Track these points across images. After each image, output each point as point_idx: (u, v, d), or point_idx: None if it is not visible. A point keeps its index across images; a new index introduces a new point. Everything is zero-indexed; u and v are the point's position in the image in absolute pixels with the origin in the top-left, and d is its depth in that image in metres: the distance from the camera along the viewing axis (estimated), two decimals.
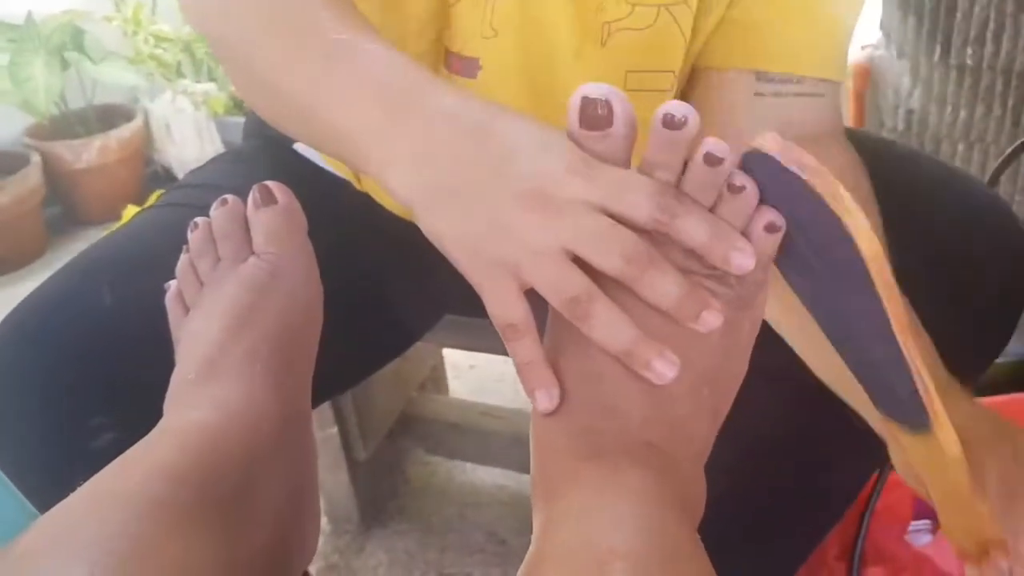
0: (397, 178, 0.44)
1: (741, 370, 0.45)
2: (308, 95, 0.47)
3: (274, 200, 0.56)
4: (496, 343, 1.03)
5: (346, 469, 1.13)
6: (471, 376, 1.50)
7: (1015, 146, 0.91)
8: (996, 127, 1.38)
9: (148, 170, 2.36)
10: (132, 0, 2.18)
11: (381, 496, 1.23)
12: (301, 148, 0.78)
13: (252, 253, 0.55)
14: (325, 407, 1.08)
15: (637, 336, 0.40)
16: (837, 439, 0.64)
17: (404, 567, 1.13)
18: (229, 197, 0.58)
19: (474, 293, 0.41)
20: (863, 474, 0.70)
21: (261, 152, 0.79)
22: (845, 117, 1.60)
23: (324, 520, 1.18)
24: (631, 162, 0.42)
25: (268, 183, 0.57)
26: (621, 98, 0.40)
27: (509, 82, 0.65)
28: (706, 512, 0.42)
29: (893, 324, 0.40)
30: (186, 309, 0.55)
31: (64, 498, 0.40)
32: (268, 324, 0.51)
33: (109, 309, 0.58)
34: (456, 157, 0.42)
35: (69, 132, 2.16)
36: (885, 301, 0.40)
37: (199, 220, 0.57)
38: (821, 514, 0.71)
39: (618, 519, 0.36)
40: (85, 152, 2.13)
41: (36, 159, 2.05)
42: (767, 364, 0.46)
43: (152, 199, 1.08)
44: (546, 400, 0.41)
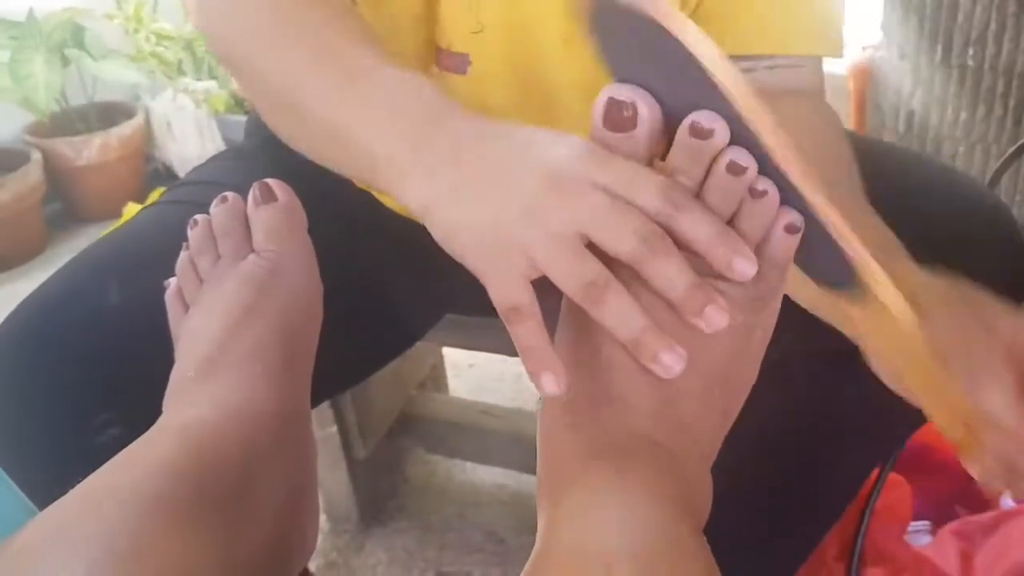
0: (414, 185, 0.44)
1: (752, 375, 0.45)
2: (323, 112, 0.48)
3: (274, 198, 0.57)
4: (496, 342, 1.04)
5: (345, 468, 1.13)
6: (471, 375, 1.50)
7: (1016, 147, 0.91)
8: (997, 128, 1.39)
9: (149, 168, 2.36)
10: None
11: (380, 495, 1.23)
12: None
13: (252, 251, 0.55)
14: (324, 406, 1.08)
15: (648, 326, 0.39)
16: (836, 436, 0.64)
17: (403, 566, 1.13)
18: (229, 194, 0.58)
19: (475, 292, 0.41)
20: (862, 471, 0.70)
21: (262, 150, 0.79)
22: (846, 118, 1.61)
23: (323, 518, 1.18)
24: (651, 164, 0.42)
25: (268, 180, 0.57)
26: (648, 101, 0.40)
27: (499, 76, 0.66)
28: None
29: (773, 154, 0.39)
30: (186, 306, 0.55)
31: (64, 494, 0.40)
32: (268, 322, 0.51)
33: (112, 307, 0.58)
34: (478, 158, 0.42)
35: (70, 129, 2.16)
36: (768, 143, 0.39)
37: (199, 217, 0.57)
38: (820, 513, 0.71)
39: (625, 520, 0.36)
40: (86, 149, 2.13)
41: (37, 156, 2.05)
42: (764, 362, 0.46)
43: (153, 197, 1.08)
44: (552, 383, 0.39)
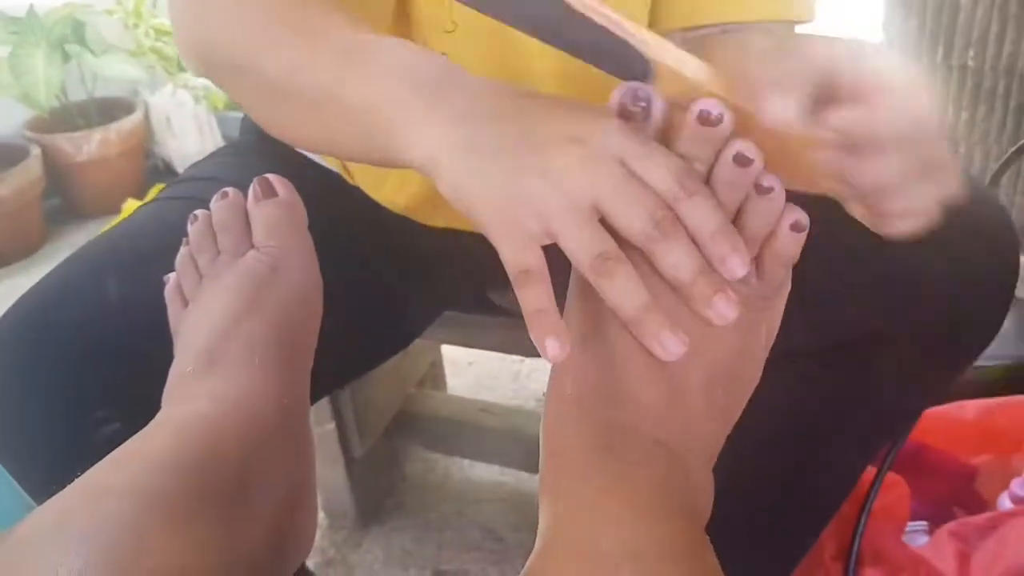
0: (425, 138, 0.43)
1: (755, 374, 0.45)
2: (330, 87, 0.47)
3: (275, 193, 0.56)
4: (495, 340, 1.03)
5: (343, 465, 1.13)
6: (469, 373, 1.50)
7: (1016, 147, 0.92)
8: (997, 129, 1.38)
9: (148, 163, 2.36)
10: None
11: (378, 492, 1.23)
12: None
13: (252, 247, 0.55)
14: (323, 403, 1.08)
15: (651, 304, 0.39)
16: (831, 433, 0.64)
17: (401, 563, 1.13)
18: (229, 190, 0.58)
19: (474, 290, 0.41)
20: (858, 468, 0.70)
21: (261, 146, 0.79)
22: None
23: (321, 515, 1.18)
24: None
25: (269, 176, 0.57)
26: (660, 96, 0.41)
27: (476, 73, 0.65)
28: None
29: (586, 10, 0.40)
30: (185, 302, 0.55)
31: (63, 490, 0.40)
32: (267, 317, 0.51)
33: (111, 302, 0.57)
34: (495, 115, 0.42)
35: (69, 125, 2.16)
36: None
37: (199, 213, 0.57)
38: (816, 510, 0.71)
39: (630, 518, 0.36)
40: (85, 145, 2.13)
41: (36, 151, 2.05)
42: None
43: (152, 193, 1.08)
44: (556, 348, 0.39)
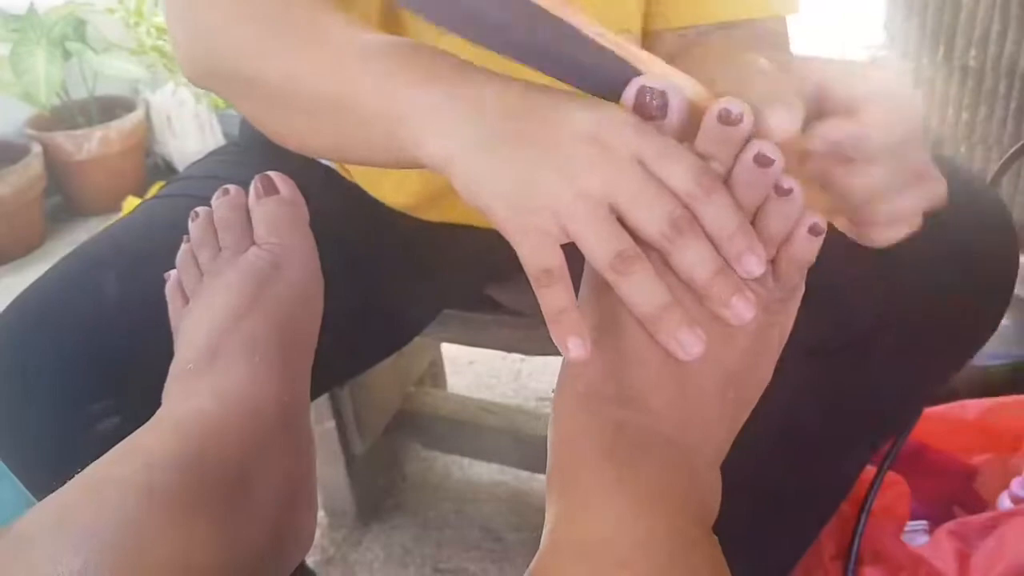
0: (437, 135, 0.42)
1: (766, 376, 0.44)
2: (337, 89, 0.46)
3: (276, 191, 0.57)
4: (495, 339, 1.03)
5: (343, 463, 1.13)
6: (469, 372, 1.50)
7: (1017, 147, 0.92)
8: (998, 129, 1.39)
9: (149, 162, 2.36)
10: None
11: (378, 490, 1.23)
12: None
13: (253, 244, 0.55)
14: (323, 401, 1.08)
15: (670, 303, 0.39)
16: (831, 430, 0.64)
17: (400, 562, 1.13)
18: (231, 187, 0.58)
19: (474, 288, 0.40)
20: (858, 465, 0.70)
21: (261, 145, 0.79)
22: None
23: (321, 513, 1.18)
24: None
25: (271, 173, 0.57)
26: (678, 93, 0.40)
27: None
28: None
29: (569, 19, 0.39)
30: (186, 299, 0.55)
31: (63, 485, 0.40)
32: (268, 314, 0.51)
33: (111, 298, 0.57)
34: (510, 111, 0.42)
35: (70, 123, 2.15)
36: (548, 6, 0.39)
37: (200, 210, 0.57)
38: (816, 508, 0.71)
39: (639, 515, 0.36)
40: (86, 143, 2.13)
41: (37, 149, 2.05)
42: None
43: (153, 191, 1.08)
44: (579, 348, 0.39)
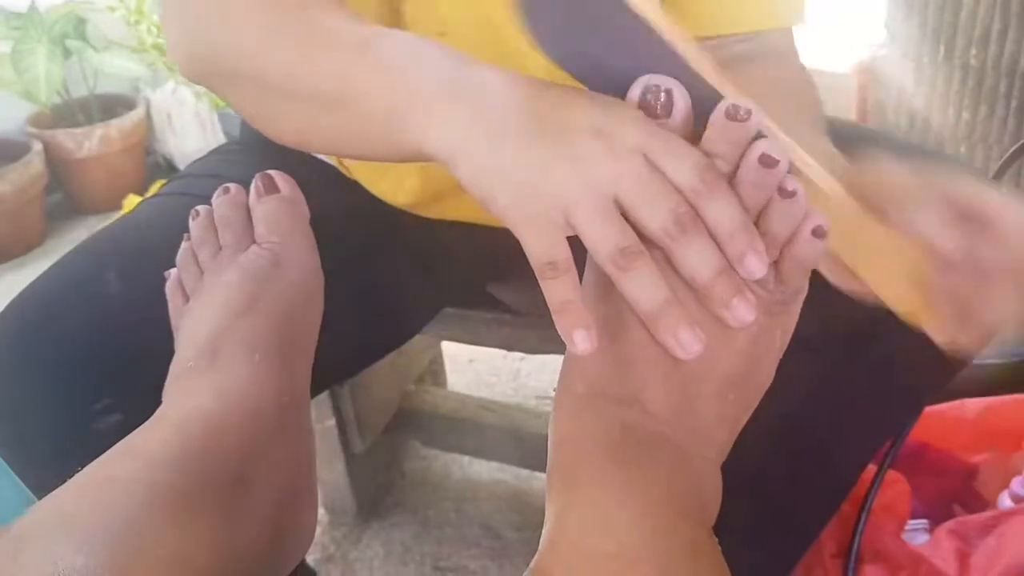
0: (442, 127, 0.42)
1: (767, 379, 0.44)
2: (339, 82, 0.46)
3: (277, 189, 0.57)
4: (495, 337, 1.03)
5: (343, 461, 1.13)
6: (470, 370, 1.50)
7: (1017, 146, 0.91)
8: (999, 128, 1.38)
9: (149, 160, 2.36)
10: None
11: (378, 488, 1.23)
12: None
13: (254, 242, 0.55)
14: (323, 399, 1.08)
15: (670, 301, 0.39)
16: (832, 428, 0.64)
17: (400, 559, 1.14)
18: (231, 186, 0.58)
19: (473, 286, 0.40)
20: (859, 463, 0.70)
21: (262, 144, 0.79)
22: (849, 116, 1.61)
23: (321, 511, 1.19)
24: None
25: (271, 172, 0.57)
26: (682, 91, 0.40)
27: None
28: None
29: (666, 38, 0.39)
30: (186, 297, 0.55)
31: (64, 482, 0.40)
32: (269, 313, 0.51)
33: (111, 296, 0.57)
34: (516, 104, 0.41)
35: (71, 121, 2.15)
36: (665, 33, 0.39)
37: (201, 208, 0.57)
38: (817, 506, 0.71)
39: (640, 514, 0.36)
40: (87, 141, 2.13)
41: (38, 147, 2.05)
42: None
43: (154, 189, 1.08)
44: (585, 341, 0.39)
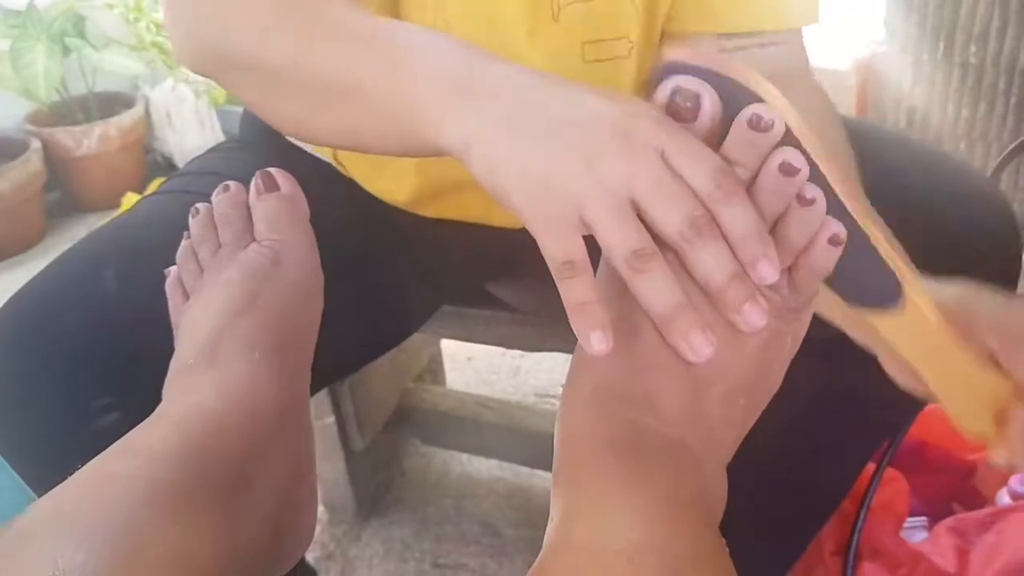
0: (457, 120, 0.42)
1: (775, 384, 0.44)
2: (348, 73, 0.46)
3: (277, 187, 0.57)
4: (494, 335, 1.04)
5: (343, 459, 1.14)
6: (469, 368, 1.50)
7: (1016, 143, 0.91)
8: (998, 125, 1.39)
9: (148, 158, 2.36)
10: None
11: (377, 486, 1.23)
12: (296, 140, 0.78)
13: (253, 240, 0.55)
14: (323, 397, 1.08)
15: (683, 303, 0.39)
16: (832, 426, 0.64)
17: (400, 557, 1.14)
18: (231, 183, 0.58)
19: (473, 284, 0.40)
20: (858, 462, 0.70)
21: (261, 141, 0.79)
22: (848, 113, 1.61)
23: (321, 509, 1.19)
24: None
25: (271, 170, 0.57)
26: (711, 95, 0.40)
27: None
28: None
29: (837, 191, 0.39)
30: (186, 295, 0.55)
31: (64, 480, 0.40)
32: (268, 311, 0.51)
33: (111, 293, 0.57)
34: (531, 98, 0.41)
35: (70, 119, 2.15)
36: (823, 167, 0.39)
37: (201, 206, 0.57)
38: (817, 504, 0.71)
39: (647, 515, 0.36)
40: (85, 139, 2.12)
41: (37, 145, 2.05)
42: None
43: (152, 187, 1.08)
44: (601, 342, 0.39)
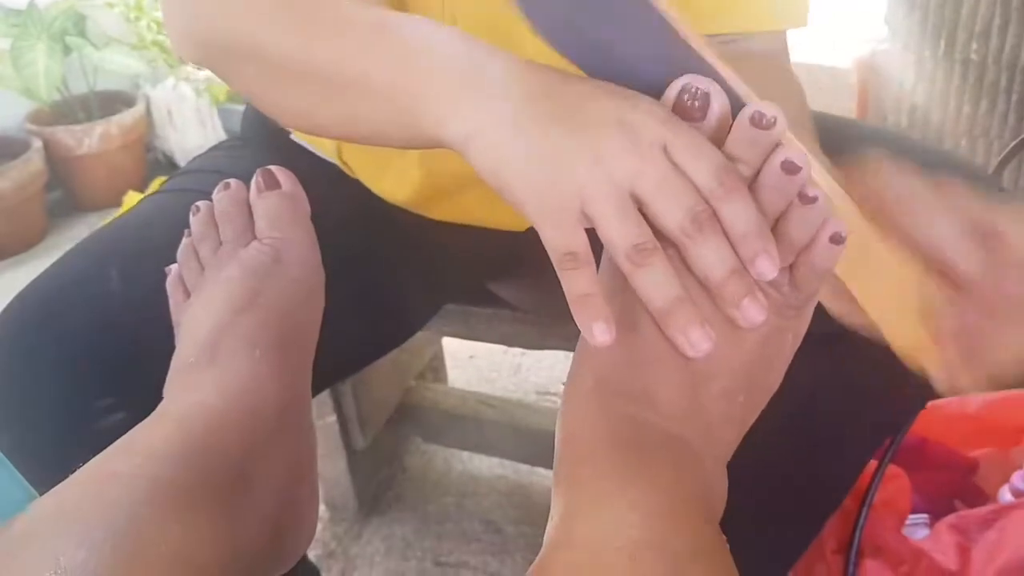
0: (461, 114, 0.42)
1: (776, 382, 0.44)
2: (352, 64, 0.45)
3: (278, 185, 0.57)
4: (495, 333, 1.04)
5: (344, 457, 1.14)
6: (470, 366, 1.50)
7: (1018, 141, 0.91)
8: (1000, 122, 1.38)
9: (149, 157, 2.36)
10: None
11: (379, 484, 1.24)
12: (297, 138, 0.78)
13: (254, 238, 0.55)
14: (324, 395, 1.08)
15: (683, 298, 0.39)
16: (833, 423, 0.64)
17: (401, 555, 1.14)
18: (232, 181, 0.58)
19: (474, 283, 0.40)
20: (860, 459, 0.70)
21: (262, 140, 0.79)
22: (849, 111, 1.61)
23: (322, 507, 1.19)
24: None
25: (272, 168, 0.57)
26: (719, 94, 0.40)
27: None
28: None
29: (684, 37, 0.39)
30: (187, 293, 0.55)
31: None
32: (269, 309, 0.51)
33: (114, 293, 0.57)
34: (535, 92, 0.41)
35: (71, 118, 2.16)
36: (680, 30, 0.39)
37: (201, 204, 0.57)
38: (818, 502, 0.71)
39: (648, 511, 0.36)
40: (86, 138, 2.13)
41: (37, 144, 2.05)
42: None
43: (154, 186, 1.08)
44: (604, 333, 0.39)
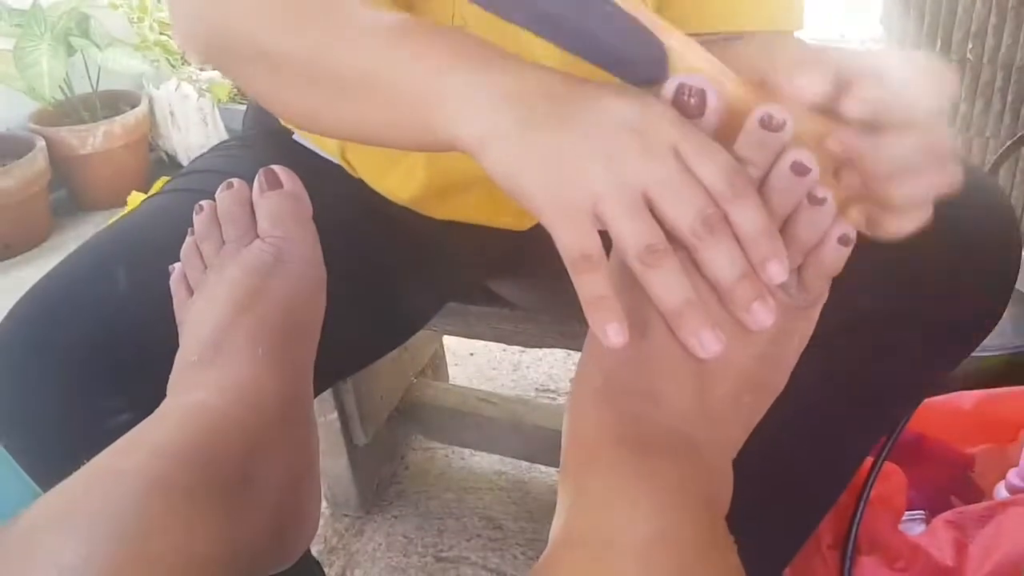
0: (473, 117, 0.42)
1: (781, 382, 0.45)
2: (365, 66, 0.46)
3: (280, 184, 0.57)
4: (496, 331, 1.04)
5: (346, 454, 1.14)
6: (471, 363, 1.51)
7: (1014, 140, 0.92)
8: (995, 122, 1.38)
9: (152, 156, 2.37)
10: None
11: (380, 481, 1.24)
12: (299, 138, 0.78)
13: (257, 237, 0.55)
14: (326, 393, 1.08)
15: (693, 300, 0.39)
16: (833, 417, 0.64)
17: (402, 551, 1.14)
18: (235, 181, 0.58)
19: (476, 282, 0.41)
20: (858, 455, 0.70)
21: (264, 139, 0.80)
22: None
23: (324, 504, 1.19)
24: None
25: (275, 167, 0.57)
26: (715, 93, 0.41)
27: None
28: None
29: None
30: (190, 292, 0.55)
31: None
32: (272, 308, 0.52)
33: (119, 293, 0.57)
34: (547, 94, 0.42)
35: (74, 118, 2.16)
36: None
37: (204, 203, 0.58)
38: (815, 498, 0.71)
39: (652, 508, 0.37)
40: (90, 138, 2.13)
41: (41, 144, 2.06)
42: None
43: (157, 185, 1.09)
44: (619, 335, 0.39)
